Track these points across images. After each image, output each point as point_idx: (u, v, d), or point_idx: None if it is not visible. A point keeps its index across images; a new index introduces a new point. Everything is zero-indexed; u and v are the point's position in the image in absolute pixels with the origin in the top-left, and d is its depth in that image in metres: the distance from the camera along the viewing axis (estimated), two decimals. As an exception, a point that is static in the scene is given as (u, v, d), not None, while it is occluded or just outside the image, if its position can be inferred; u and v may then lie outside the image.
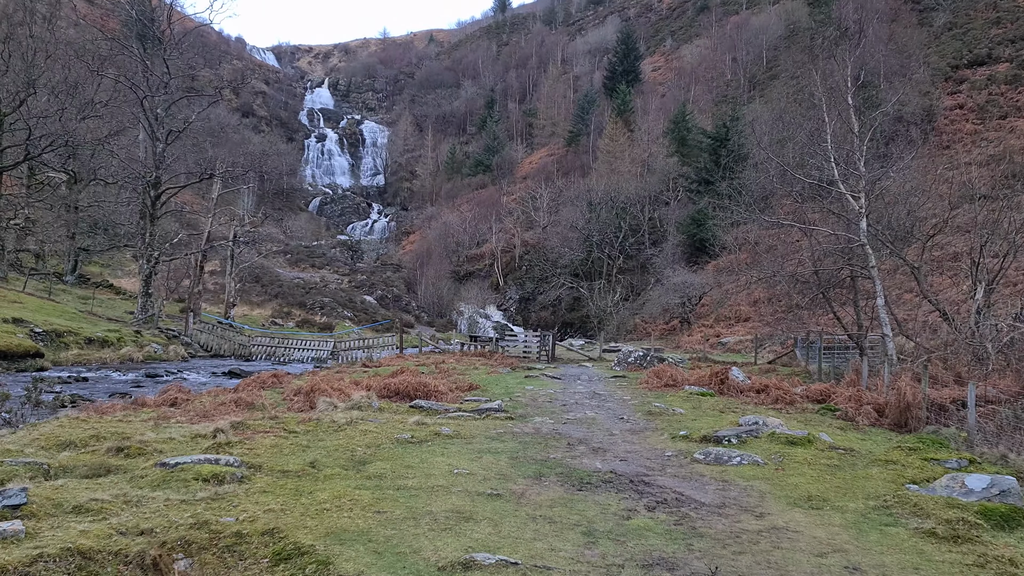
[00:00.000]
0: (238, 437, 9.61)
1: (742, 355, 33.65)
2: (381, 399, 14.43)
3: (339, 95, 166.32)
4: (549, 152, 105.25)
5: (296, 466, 7.87)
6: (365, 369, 22.77)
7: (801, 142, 20.76)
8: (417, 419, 11.41)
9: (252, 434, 10.08)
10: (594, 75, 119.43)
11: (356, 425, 10.99)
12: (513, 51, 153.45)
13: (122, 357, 28.00)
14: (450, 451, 9.28)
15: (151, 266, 33.56)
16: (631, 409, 13.76)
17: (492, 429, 11.17)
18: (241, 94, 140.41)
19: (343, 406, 13.16)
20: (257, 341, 34.96)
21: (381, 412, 12.79)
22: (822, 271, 22.65)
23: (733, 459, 8.82)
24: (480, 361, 26.68)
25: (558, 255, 65.49)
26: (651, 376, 18.20)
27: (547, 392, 16.33)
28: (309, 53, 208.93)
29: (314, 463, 8.08)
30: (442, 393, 14.44)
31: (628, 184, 66.62)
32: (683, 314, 46.57)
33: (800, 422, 12.21)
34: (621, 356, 25.98)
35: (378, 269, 79.93)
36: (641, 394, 16.21)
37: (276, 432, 10.31)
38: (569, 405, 14.30)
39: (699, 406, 14.00)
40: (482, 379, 19.24)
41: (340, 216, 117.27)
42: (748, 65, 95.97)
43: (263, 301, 53.58)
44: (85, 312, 34.19)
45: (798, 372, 23.20)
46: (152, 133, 33.50)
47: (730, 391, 15.93)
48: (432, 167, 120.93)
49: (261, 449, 8.79)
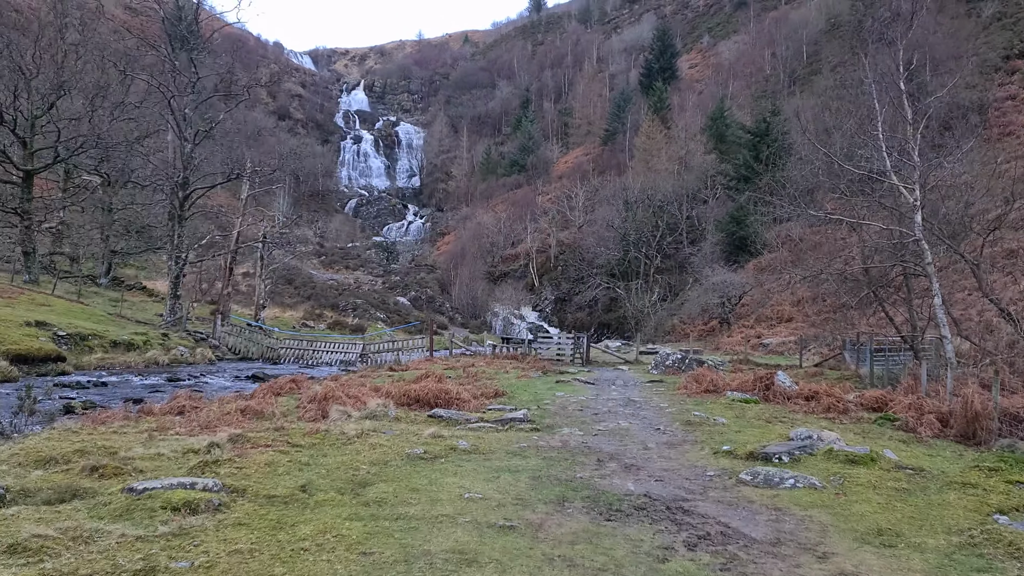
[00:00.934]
0: (233, 452, 8.72)
1: (785, 357, 32.25)
2: (399, 407, 13.51)
3: (374, 97, 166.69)
4: (585, 151, 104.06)
5: (285, 490, 6.94)
6: (391, 373, 21.91)
7: (850, 131, 19.44)
8: (433, 431, 10.44)
9: (250, 448, 9.20)
10: (630, 73, 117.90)
11: (366, 438, 10.06)
12: (548, 50, 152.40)
13: (147, 361, 27.48)
14: (464, 469, 8.30)
15: (179, 268, 33.10)
16: (668, 418, 12.67)
17: (514, 442, 10.17)
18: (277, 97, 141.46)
19: (357, 415, 12.27)
20: (285, 344, 34.32)
21: (397, 422, 11.87)
22: (872, 269, 21.31)
23: (786, 481, 7.72)
24: (511, 364, 25.71)
25: (594, 255, 64.25)
26: (690, 381, 17.06)
27: (578, 399, 15.29)
28: (345, 56, 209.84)
29: (306, 486, 7.13)
30: (464, 401, 13.47)
31: (665, 182, 65.25)
32: (722, 314, 45.14)
33: (857, 434, 11.03)
34: (658, 359, 24.82)
35: (412, 270, 79.37)
36: (679, 401, 15.10)
37: (278, 446, 9.41)
38: (601, 414, 13.25)
39: (743, 415, 12.86)
40: (510, 384, 18.25)
41: (376, 218, 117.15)
42: (788, 60, 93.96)
43: (296, 303, 53.14)
44: (114, 315, 33.83)
45: (848, 376, 21.85)
46: (180, 133, 33.04)
47: (776, 398, 14.76)
48: (467, 168, 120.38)
49: (253, 468, 7.88)
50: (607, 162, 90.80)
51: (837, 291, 23.19)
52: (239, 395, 15.46)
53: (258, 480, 7.34)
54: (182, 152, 32.89)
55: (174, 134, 33.94)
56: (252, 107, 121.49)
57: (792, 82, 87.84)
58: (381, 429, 10.84)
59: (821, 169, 20.79)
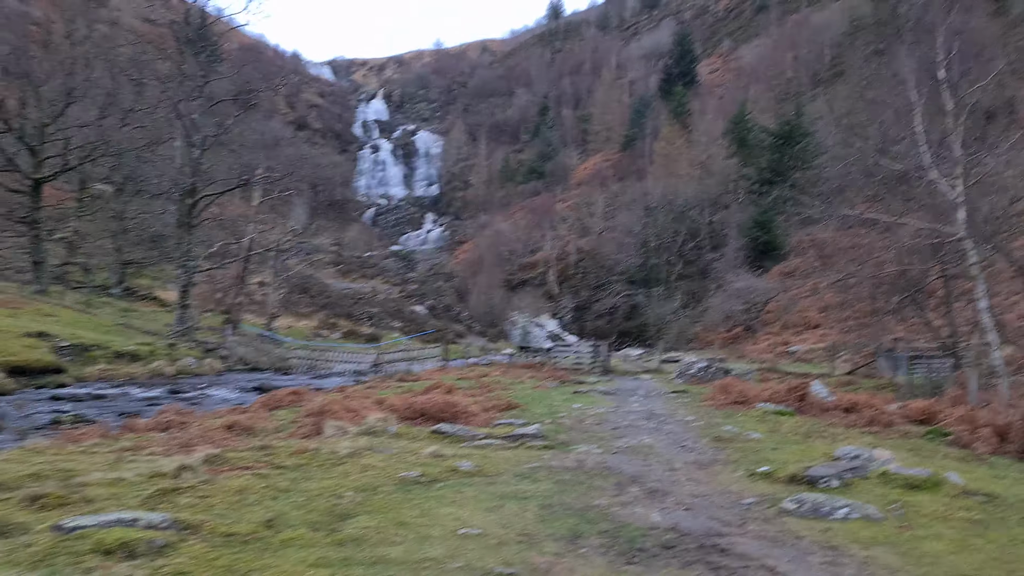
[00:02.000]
0: (204, 476, 7.70)
1: (814, 365, 30.95)
2: (402, 421, 12.47)
3: (393, 106, 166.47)
4: (604, 157, 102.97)
5: (249, 525, 5.89)
6: (400, 384, 20.90)
7: (888, 123, 18.23)
8: (434, 449, 9.38)
9: (227, 471, 8.18)
10: (649, 79, 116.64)
11: (359, 458, 9.02)
12: (566, 58, 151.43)
13: (152, 372, 26.64)
14: (464, 497, 7.23)
15: (188, 277, 32.31)
16: (695, 433, 11.53)
17: (524, 462, 9.09)
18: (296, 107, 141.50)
19: (354, 431, 11.23)
20: (296, 353, 33.45)
21: (396, 439, 10.82)
22: (909, 271, 20.08)
23: (837, 511, 6.59)
24: (528, 374, 24.65)
25: (614, 262, 63.18)
26: (717, 391, 15.90)
27: (596, 412, 14.17)
28: (364, 66, 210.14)
29: (275, 520, 6.08)
30: (472, 415, 12.40)
31: (686, 187, 64.05)
32: (747, 321, 43.85)
33: (908, 452, 9.86)
34: (682, 368, 23.65)
35: (429, 279, 78.54)
36: (707, 413, 13.95)
37: (258, 468, 8.39)
38: (621, 428, 12.14)
39: (777, 429, 11.70)
40: (525, 395, 17.17)
41: (394, 227, 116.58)
42: (810, 63, 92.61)
43: (311, 312, 52.37)
44: (122, 325, 33.09)
45: (884, 386, 20.62)
46: (188, 139, 32.32)
47: (812, 410, 13.58)
48: (486, 176, 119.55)
49: (220, 496, 6.84)
50: (627, 168, 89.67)
51: (872, 295, 21.93)
52: (234, 409, 14.50)
53: (221, 512, 6.30)
54: (190, 158, 32.14)
55: (182, 140, 33.22)
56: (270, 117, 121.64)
57: (815, 85, 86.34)
58: (377, 447, 9.80)
59: (855, 166, 19.60)
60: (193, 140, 32.16)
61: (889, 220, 19.02)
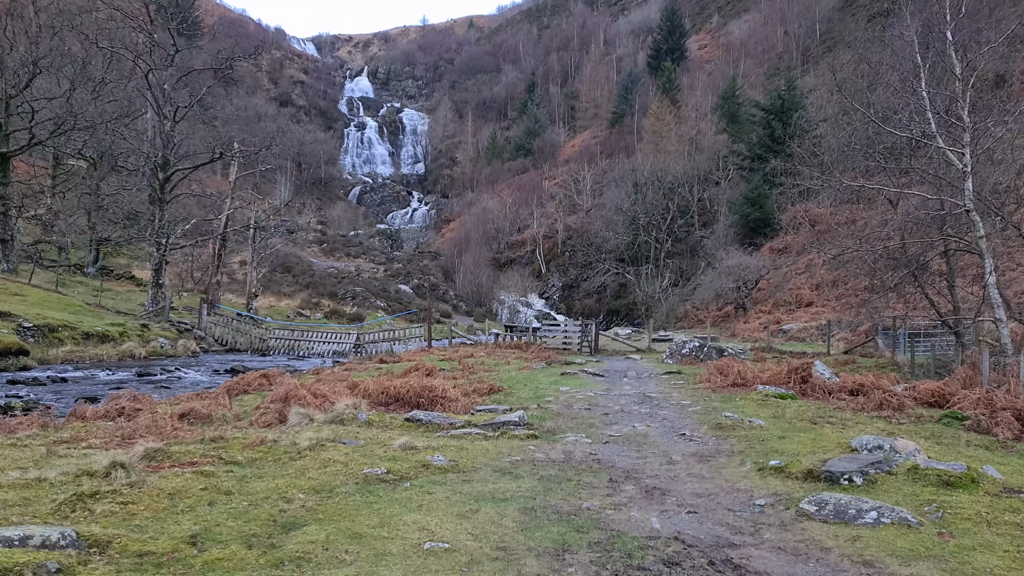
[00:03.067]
0: (137, 476, 6.71)
1: (808, 344, 30.16)
2: (375, 407, 11.52)
3: (378, 83, 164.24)
4: (592, 134, 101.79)
5: (169, 542, 4.91)
6: (380, 365, 19.93)
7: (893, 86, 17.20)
8: (405, 440, 8.41)
9: (168, 468, 7.21)
10: (638, 56, 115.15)
11: (320, 451, 8.06)
12: (554, 34, 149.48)
13: (122, 354, 25.56)
14: (434, 499, 6.28)
15: (161, 254, 31.13)
16: (694, 420, 10.61)
17: (505, 455, 8.15)
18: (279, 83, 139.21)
19: (321, 419, 10.26)
20: (276, 334, 32.36)
21: (367, 427, 9.86)
22: (911, 245, 19.16)
23: (865, 514, 5.67)
24: (514, 354, 23.71)
25: (603, 239, 62.16)
26: (713, 372, 14.98)
27: (585, 395, 13.24)
28: (349, 42, 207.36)
29: (200, 535, 5.09)
30: (451, 400, 11.42)
31: (675, 163, 62.99)
32: (738, 299, 42.99)
33: (929, 439, 8.97)
34: (673, 347, 22.75)
35: (415, 257, 77.35)
36: (703, 397, 13.03)
37: (203, 464, 7.42)
38: (613, 413, 11.21)
39: (782, 414, 10.79)
40: (510, 378, 16.22)
41: (380, 205, 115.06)
42: (801, 38, 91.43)
43: (294, 292, 51.21)
44: (93, 305, 31.93)
45: (884, 364, 19.77)
46: (159, 110, 30.99)
47: (815, 392, 12.69)
48: (472, 153, 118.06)
49: (146, 502, 5.85)
50: (615, 145, 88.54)
51: (872, 271, 21.02)
52: (198, 394, 13.47)
53: (141, 524, 5.32)
54: (161, 130, 30.84)
55: (153, 112, 31.88)
56: (253, 93, 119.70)
57: (805, 60, 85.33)
58: (344, 438, 8.84)
59: (857, 133, 18.63)
60: (165, 112, 30.82)
61: (893, 191, 18.06)
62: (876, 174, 18.93)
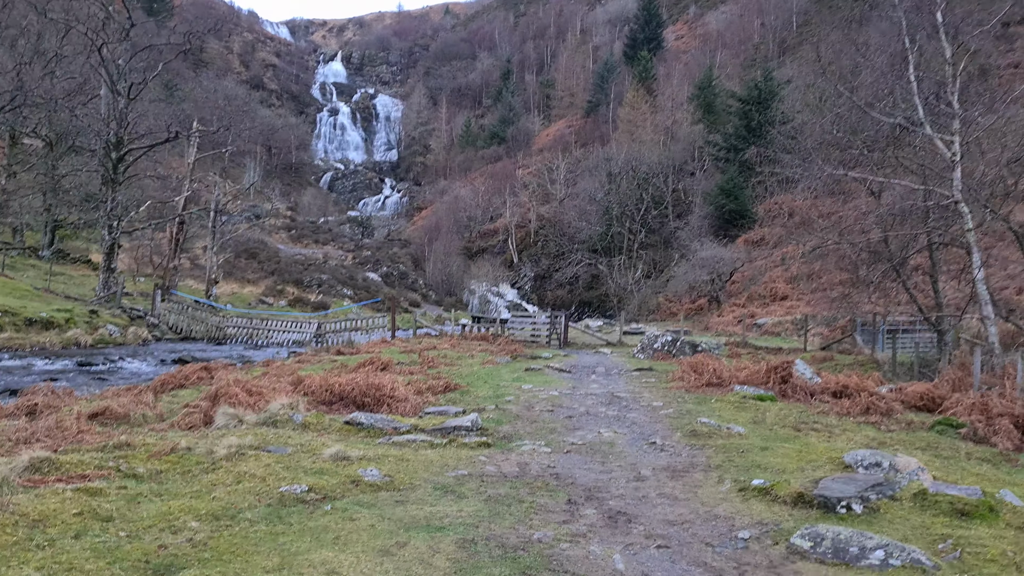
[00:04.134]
0: (7, 495, 5.61)
1: (783, 339, 29.42)
2: (317, 407, 10.44)
3: (352, 69, 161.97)
4: (567, 123, 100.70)
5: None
6: (336, 358, 18.80)
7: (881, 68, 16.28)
8: (337, 450, 7.35)
9: (52, 482, 6.12)
10: (614, 45, 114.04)
11: (239, 461, 6.99)
12: (531, 21, 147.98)
13: (66, 341, 24.20)
14: (355, 528, 5.24)
15: (113, 237, 29.69)
16: (666, 425, 9.65)
17: (451, 468, 7.13)
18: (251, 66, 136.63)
19: (251, 420, 9.18)
20: (233, 322, 31.05)
21: (301, 431, 8.79)
22: (893, 238, 18.36)
23: (870, 553, 4.72)
24: (479, 347, 22.70)
25: (576, 229, 61.14)
26: (687, 370, 14.04)
27: (549, 394, 12.24)
28: (323, 27, 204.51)
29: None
30: (399, 400, 10.36)
31: (650, 153, 62.07)
32: (712, 292, 42.24)
33: (924, 450, 8.08)
34: (645, 341, 21.83)
35: (385, 245, 75.96)
36: (676, 397, 12.07)
37: (96, 477, 6.33)
38: (577, 416, 10.22)
39: (762, 419, 9.87)
40: (470, 373, 15.19)
41: (352, 192, 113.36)
42: (777, 30, 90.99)
43: (258, 278, 49.77)
44: (42, 289, 30.44)
45: (863, 362, 18.98)
46: (112, 87, 29.48)
47: (796, 394, 11.78)
48: (446, 141, 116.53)
49: (-7, 534, 4.76)
50: (590, 134, 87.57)
51: (851, 264, 20.21)
52: (125, 389, 12.27)
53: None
54: (115, 108, 29.34)
55: (107, 88, 30.33)
56: (223, 75, 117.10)
57: (782, 52, 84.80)
58: (270, 444, 7.77)
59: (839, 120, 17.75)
60: (118, 88, 29.33)
61: (877, 180, 17.20)
62: (858, 164, 18.03)
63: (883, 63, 16.04)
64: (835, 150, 17.71)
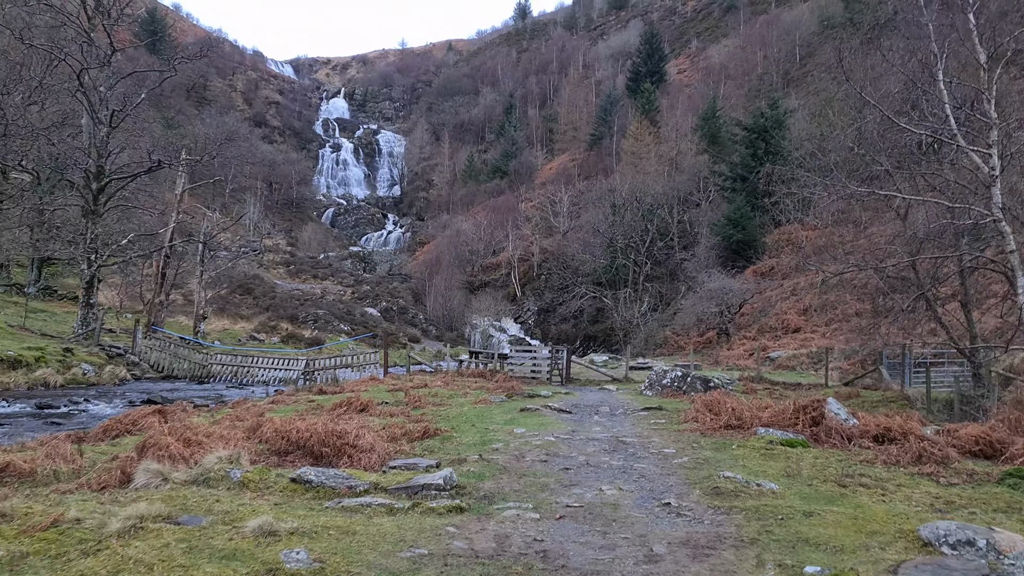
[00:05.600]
0: None
1: (800, 373, 27.72)
2: (268, 457, 8.83)
3: (355, 105, 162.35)
4: (570, 157, 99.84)
5: None
6: (315, 397, 17.20)
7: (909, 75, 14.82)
8: (263, 522, 5.73)
9: None
10: (617, 79, 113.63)
11: (132, 539, 5.40)
12: (533, 57, 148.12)
13: (33, 382, 22.61)
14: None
15: (92, 271, 28.23)
16: (681, 478, 8.00)
17: (408, 544, 5.51)
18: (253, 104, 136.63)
19: (179, 478, 7.57)
20: (218, 360, 29.47)
21: (240, 490, 7.20)
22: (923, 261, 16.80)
23: None
24: (475, 384, 21.08)
25: (579, 262, 59.66)
26: (701, 410, 12.39)
27: (544, 439, 10.59)
28: (327, 65, 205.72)
29: None
30: (364, 450, 8.71)
31: (655, 184, 60.79)
32: (721, 324, 40.56)
33: (1009, 514, 6.44)
34: (653, 377, 20.18)
35: (384, 280, 74.50)
36: (691, 442, 10.42)
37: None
38: (575, 468, 8.58)
39: (797, 471, 8.23)
40: (458, 415, 13.56)
41: (354, 227, 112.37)
42: (781, 61, 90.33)
43: (252, 314, 48.25)
44: (16, 327, 28.98)
45: (892, 398, 17.33)
46: (93, 114, 28.23)
47: (832, 438, 10.12)
48: (449, 176, 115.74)
49: None
50: (593, 166, 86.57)
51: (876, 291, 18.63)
52: (50, 438, 10.66)
53: None
54: (95, 136, 28.04)
55: (88, 116, 29.06)
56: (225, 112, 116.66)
57: (786, 83, 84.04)
58: (184, 513, 6.17)
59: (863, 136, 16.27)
60: (100, 116, 28.06)
61: (907, 198, 15.65)
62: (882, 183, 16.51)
63: (912, 68, 14.56)
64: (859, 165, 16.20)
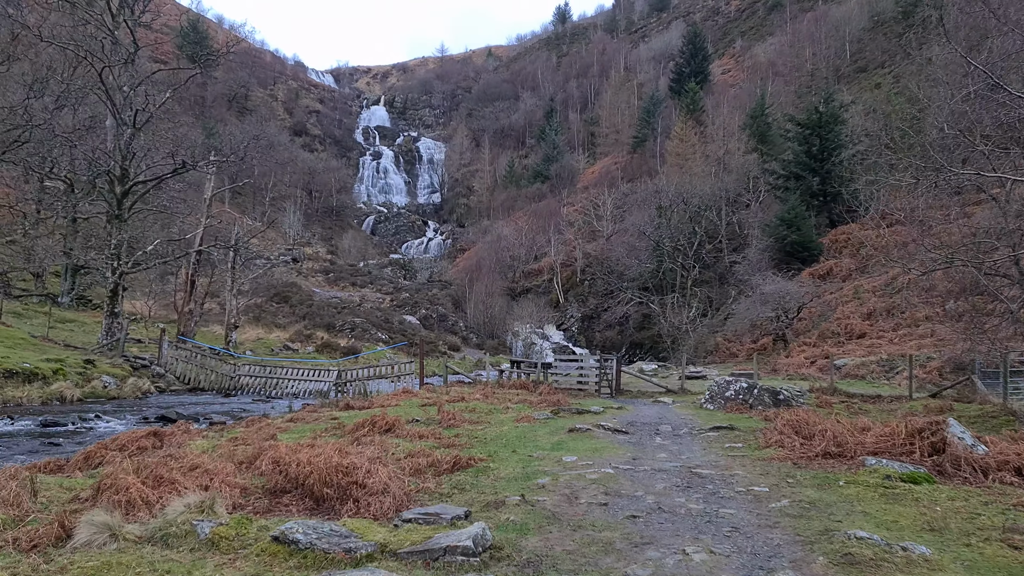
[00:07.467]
0: None
1: (872, 382, 25.39)
2: (257, 498, 7.09)
3: (395, 112, 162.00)
4: (613, 160, 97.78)
5: None
6: (340, 413, 15.50)
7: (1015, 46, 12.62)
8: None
9: None
10: (659, 80, 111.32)
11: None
12: (573, 61, 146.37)
13: (48, 396, 21.31)
14: None
15: (116, 278, 27.00)
16: (788, 534, 6.05)
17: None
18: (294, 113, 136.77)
19: (132, 533, 5.85)
20: (246, 371, 28.03)
21: (205, 552, 5.45)
22: None
23: None
24: (517, 396, 19.28)
25: (624, 267, 57.55)
26: (786, 432, 10.38)
27: (602, 471, 8.68)
28: (367, 74, 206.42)
29: None
30: (374, 492, 6.89)
31: (702, 184, 58.53)
32: (777, 330, 38.21)
33: None
34: (715, 388, 18.14)
35: (424, 287, 73.12)
36: (784, 476, 8.42)
37: None
38: (643, 516, 6.66)
39: (941, 523, 6.24)
40: (498, 436, 11.72)
41: (395, 235, 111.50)
42: (831, 58, 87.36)
43: (288, 323, 47.04)
44: (40, 337, 27.85)
45: (993, 413, 15.07)
46: (117, 115, 27.04)
47: (961, 470, 8.09)
48: (489, 182, 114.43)
49: None
50: (637, 169, 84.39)
51: (966, 290, 16.41)
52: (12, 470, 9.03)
53: None
54: (119, 138, 26.84)
55: (112, 118, 27.89)
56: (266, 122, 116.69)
57: (838, 79, 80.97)
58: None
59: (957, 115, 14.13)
60: (123, 117, 26.87)
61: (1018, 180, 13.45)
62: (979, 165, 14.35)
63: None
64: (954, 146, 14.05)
